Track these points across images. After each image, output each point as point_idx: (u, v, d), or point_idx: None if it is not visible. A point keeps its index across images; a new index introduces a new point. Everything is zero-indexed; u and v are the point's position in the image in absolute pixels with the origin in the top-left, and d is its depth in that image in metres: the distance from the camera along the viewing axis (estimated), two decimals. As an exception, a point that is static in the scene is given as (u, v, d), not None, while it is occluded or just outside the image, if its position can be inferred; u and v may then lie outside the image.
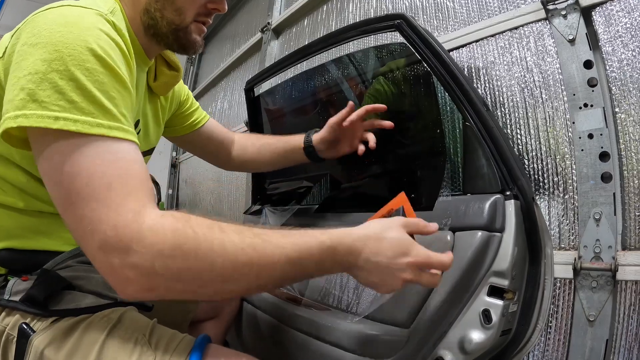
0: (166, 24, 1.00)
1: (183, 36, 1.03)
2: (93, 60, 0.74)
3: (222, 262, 0.71)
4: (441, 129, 1.24)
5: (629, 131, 1.20)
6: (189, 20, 1.02)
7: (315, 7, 2.74)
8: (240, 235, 0.74)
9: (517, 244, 1.00)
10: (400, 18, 1.22)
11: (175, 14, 1.00)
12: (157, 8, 0.98)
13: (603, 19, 1.28)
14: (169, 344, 0.88)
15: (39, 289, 0.92)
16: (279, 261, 0.75)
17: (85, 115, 0.70)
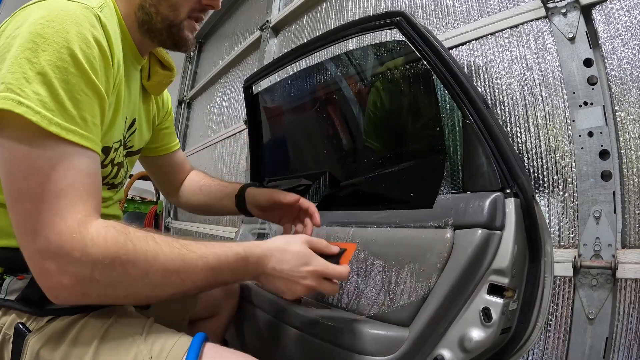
0: (161, 19, 1.01)
1: (176, 32, 1.05)
2: (67, 59, 0.75)
3: (155, 271, 0.78)
4: (441, 127, 1.24)
5: (629, 129, 1.20)
6: (183, 16, 1.04)
7: (314, 5, 2.74)
8: (170, 247, 0.80)
9: (517, 242, 1.00)
10: (400, 15, 1.22)
11: (170, 9, 1.01)
12: (152, 4, 1.00)
13: (603, 17, 1.28)
14: (165, 343, 0.88)
15: (34, 288, 0.91)
16: (202, 269, 0.84)
17: (46, 110, 0.71)
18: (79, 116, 0.75)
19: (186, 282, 0.83)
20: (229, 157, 3.42)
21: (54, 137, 0.72)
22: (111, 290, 0.75)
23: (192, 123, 4.83)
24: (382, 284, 1.17)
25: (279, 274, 0.96)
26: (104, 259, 0.72)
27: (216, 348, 0.92)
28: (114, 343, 0.87)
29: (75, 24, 0.78)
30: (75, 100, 0.75)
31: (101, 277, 0.72)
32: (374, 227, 1.24)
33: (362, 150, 1.53)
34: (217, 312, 1.51)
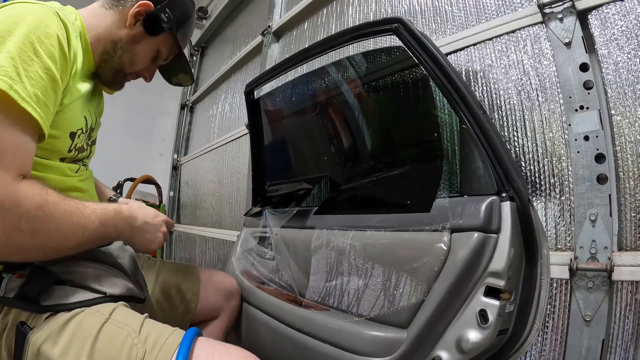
0: (118, 62, 1.25)
1: (119, 77, 1.31)
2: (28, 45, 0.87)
3: (65, 222, 0.90)
4: (438, 132, 1.25)
5: (625, 133, 1.21)
6: (131, 70, 1.31)
7: (315, 10, 2.75)
8: (72, 203, 0.93)
9: (513, 244, 1.01)
10: (398, 22, 1.23)
11: (129, 62, 1.27)
12: (123, 48, 1.24)
13: (599, 22, 1.29)
14: (158, 337, 0.92)
15: (31, 286, 0.96)
16: (94, 222, 0.97)
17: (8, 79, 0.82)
18: (32, 92, 0.86)
19: (85, 233, 0.95)
20: (231, 161, 3.44)
21: (10, 101, 0.82)
22: (30, 239, 0.83)
23: (195, 127, 4.84)
24: (381, 286, 1.19)
25: (146, 225, 1.19)
26: (30, 209, 0.82)
27: (209, 341, 0.97)
28: (110, 337, 0.91)
29: (37, 19, 0.91)
30: (30, 79, 0.86)
31: (26, 227, 0.81)
32: (372, 231, 1.25)
33: (361, 154, 1.54)
34: (218, 315, 1.55)
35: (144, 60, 1.30)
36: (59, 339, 0.90)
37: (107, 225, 1.02)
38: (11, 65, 0.82)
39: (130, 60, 1.27)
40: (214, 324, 1.54)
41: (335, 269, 1.34)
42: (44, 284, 0.98)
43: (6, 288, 0.96)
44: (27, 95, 0.84)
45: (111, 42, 1.22)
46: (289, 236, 1.58)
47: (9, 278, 0.97)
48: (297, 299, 1.44)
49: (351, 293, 1.28)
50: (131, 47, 1.25)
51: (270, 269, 1.65)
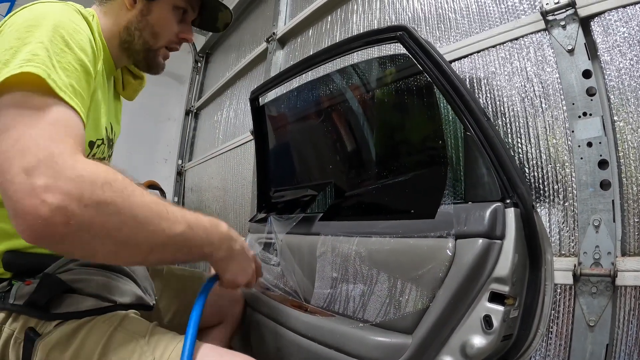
0: (142, 43, 1.19)
1: (152, 57, 1.25)
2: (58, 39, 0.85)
3: (143, 207, 0.77)
4: (443, 140, 1.26)
5: (628, 139, 1.22)
6: (161, 44, 1.23)
7: (319, 17, 2.76)
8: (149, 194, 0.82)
9: (517, 250, 1.02)
10: (402, 30, 1.25)
11: (151, 36, 1.21)
12: (138, 28, 1.19)
13: (601, 29, 1.30)
14: (167, 345, 0.92)
15: (41, 293, 0.96)
16: (181, 223, 0.85)
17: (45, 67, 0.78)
18: (68, 83, 0.82)
19: (168, 232, 0.81)
20: (236, 167, 3.45)
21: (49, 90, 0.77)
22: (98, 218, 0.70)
23: (199, 133, 4.85)
24: (386, 292, 1.19)
25: (243, 253, 1.09)
26: (96, 180, 0.70)
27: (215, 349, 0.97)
28: (119, 345, 0.91)
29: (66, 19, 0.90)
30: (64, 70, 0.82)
31: (90, 200, 0.69)
32: (377, 237, 1.26)
33: (366, 161, 1.55)
34: (223, 320, 1.56)
35: (167, 26, 1.22)
36: (69, 346, 0.91)
37: (197, 232, 0.90)
38: (46, 55, 0.80)
39: (152, 34, 1.20)
40: (219, 329, 1.55)
41: (340, 275, 1.34)
42: (54, 291, 0.97)
43: (16, 295, 0.96)
44: (63, 85, 0.80)
45: (124, 30, 1.18)
46: (294, 242, 1.59)
47: (18, 286, 0.97)
48: (302, 305, 1.45)
49: (356, 299, 1.28)
50: (145, 22, 1.18)
51: (275, 275, 1.66)
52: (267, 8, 3.59)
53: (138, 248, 0.79)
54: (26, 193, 0.65)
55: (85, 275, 1.04)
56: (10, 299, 0.96)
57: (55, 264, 1.03)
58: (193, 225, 0.88)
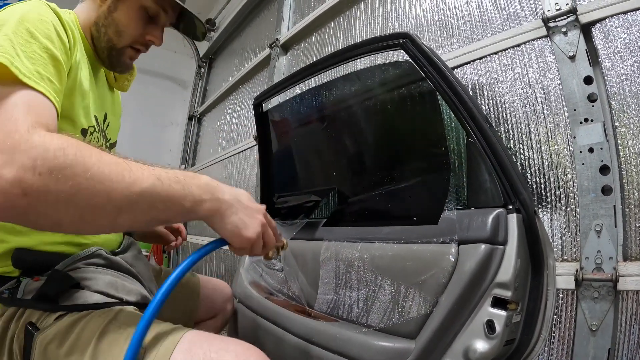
0: (106, 40, 1.18)
1: (115, 55, 1.22)
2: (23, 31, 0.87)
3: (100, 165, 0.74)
4: (445, 146, 1.27)
5: (629, 144, 1.23)
6: (125, 43, 1.21)
7: (322, 24, 2.78)
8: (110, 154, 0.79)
9: (519, 256, 1.02)
10: (405, 37, 1.25)
11: (115, 34, 1.19)
12: (103, 24, 1.18)
13: (602, 35, 1.31)
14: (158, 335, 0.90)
15: (51, 286, 0.97)
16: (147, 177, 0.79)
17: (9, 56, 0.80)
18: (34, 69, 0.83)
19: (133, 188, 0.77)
20: (239, 172, 3.46)
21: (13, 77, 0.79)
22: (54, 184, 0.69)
23: (202, 138, 4.87)
24: (389, 297, 1.20)
25: (238, 204, 0.95)
26: (49, 148, 0.70)
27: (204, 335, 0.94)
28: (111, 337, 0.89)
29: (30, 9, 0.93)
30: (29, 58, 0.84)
31: (43, 167, 0.68)
32: (381, 243, 1.26)
33: (369, 167, 1.56)
34: (215, 315, 1.67)
35: (131, 25, 1.19)
36: (66, 340, 0.91)
37: (169, 185, 0.82)
38: (10, 46, 0.81)
39: (116, 31, 1.18)
40: (210, 322, 1.64)
41: (343, 281, 1.35)
42: (63, 285, 0.99)
43: (24, 291, 0.98)
44: (28, 72, 0.81)
45: (94, 26, 1.18)
46: (298, 248, 1.59)
47: (27, 282, 0.98)
48: (306, 310, 1.46)
49: (360, 304, 1.29)
50: (110, 19, 1.17)
51: (278, 280, 1.66)
52: (270, 14, 3.61)
53: (103, 210, 0.75)
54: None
55: (93, 273, 1.06)
56: (19, 294, 0.97)
57: (64, 262, 1.05)
58: (163, 178, 0.82)
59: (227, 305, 1.71)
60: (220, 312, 1.67)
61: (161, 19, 1.24)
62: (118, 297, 1.05)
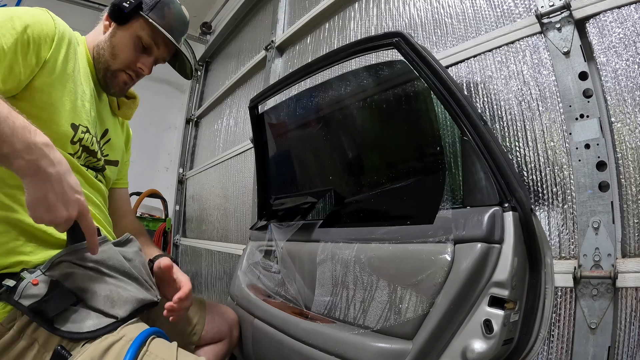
0: (103, 61, 1.32)
1: (110, 76, 1.34)
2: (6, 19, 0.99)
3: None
4: (440, 145, 1.26)
5: (625, 140, 1.22)
6: (118, 66, 1.33)
7: (317, 25, 2.78)
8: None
9: (516, 254, 1.02)
10: (398, 36, 1.25)
11: (110, 56, 1.32)
12: (103, 47, 1.32)
13: (597, 30, 1.31)
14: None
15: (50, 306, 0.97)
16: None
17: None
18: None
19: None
20: (236, 175, 3.45)
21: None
22: None
23: (200, 142, 4.87)
24: (386, 298, 1.19)
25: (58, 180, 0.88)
26: None
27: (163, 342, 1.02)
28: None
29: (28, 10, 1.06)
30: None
31: None
32: (377, 243, 1.26)
33: (364, 167, 1.55)
34: (223, 339, 1.63)
35: (124, 50, 1.33)
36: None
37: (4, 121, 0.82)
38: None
39: (111, 53, 1.32)
40: (219, 345, 1.61)
41: (340, 282, 1.35)
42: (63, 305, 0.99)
43: (22, 294, 0.96)
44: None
45: (95, 48, 1.34)
46: (295, 249, 1.59)
47: (26, 284, 0.97)
48: (303, 312, 1.45)
49: (357, 305, 1.28)
50: (109, 42, 1.32)
51: (276, 282, 1.66)
52: (266, 16, 3.61)
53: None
54: None
55: (89, 282, 1.05)
56: (16, 295, 0.96)
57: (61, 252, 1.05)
58: (5, 114, 0.82)
59: (233, 331, 1.69)
60: (226, 337, 1.64)
61: (154, 52, 1.39)
62: (113, 315, 1.05)
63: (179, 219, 4.77)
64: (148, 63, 1.39)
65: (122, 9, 1.29)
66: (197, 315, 1.54)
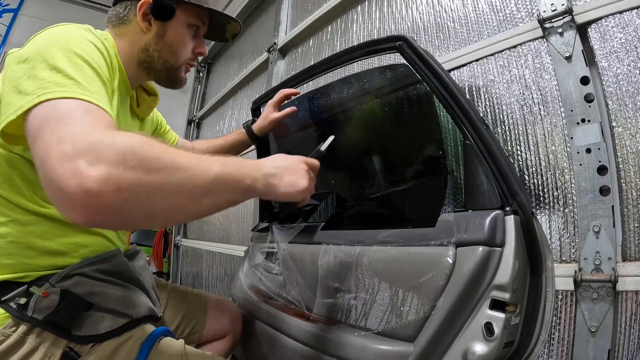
0: (162, 62, 1.25)
1: (174, 74, 1.31)
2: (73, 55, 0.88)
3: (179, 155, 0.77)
4: (443, 149, 1.27)
5: (626, 144, 1.22)
6: (181, 61, 1.30)
7: (320, 27, 2.79)
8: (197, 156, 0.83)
9: (517, 257, 1.02)
10: (401, 40, 1.26)
11: (171, 56, 1.27)
12: (156, 49, 1.24)
13: (598, 35, 1.31)
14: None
15: (62, 315, 0.97)
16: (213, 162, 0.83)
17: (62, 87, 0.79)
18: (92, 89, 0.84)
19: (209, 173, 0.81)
20: (238, 176, 3.45)
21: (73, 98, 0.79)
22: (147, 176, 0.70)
23: (202, 143, 4.87)
24: (388, 300, 1.20)
25: (279, 169, 1.01)
26: (133, 143, 0.71)
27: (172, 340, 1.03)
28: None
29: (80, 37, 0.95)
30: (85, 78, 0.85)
31: (134, 162, 0.69)
32: (379, 246, 1.26)
33: (366, 170, 1.56)
34: (225, 335, 1.63)
35: (183, 44, 1.28)
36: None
37: (231, 168, 0.88)
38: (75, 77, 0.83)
39: (171, 53, 1.26)
40: (222, 342, 1.61)
41: (342, 284, 1.35)
42: (74, 312, 0.99)
43: (34, 308, 0.96)
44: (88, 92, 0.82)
45: (143, 52, 1.24)
46: (297, 251, 1.59)
47: (36, 298, 0.97)
48: (305, 314, 1.46)
49: (358, 307, 1.29)
50: (162, 43, 1.24)
51: (277, 284, 1.66)
52: (268, 18, 3.62)
53: (190, 196, 0.78)
54: (73, 175, 0.65)
55: (101, 288, 1.06)
56: (29, 311, 0.96)
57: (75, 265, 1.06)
58: (224, 163, 0.87)
59: (236, 326, 1.69)
60: (228, 333, 1.64)
61: (201, 30, 1.35)
62: (128, 315, 1.06)
63: (180, 220, 4.76)
64: (203, 45, 1.36)
65: (166, 4, 1.21)
66: (197, 314, 1.55)
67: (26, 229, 1.01)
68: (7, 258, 1.00)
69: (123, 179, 0.67)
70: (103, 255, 1.12)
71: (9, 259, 1.00)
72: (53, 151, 0.67)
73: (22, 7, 5.56)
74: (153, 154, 0.72)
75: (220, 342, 1.60)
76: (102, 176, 0.65)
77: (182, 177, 0.76)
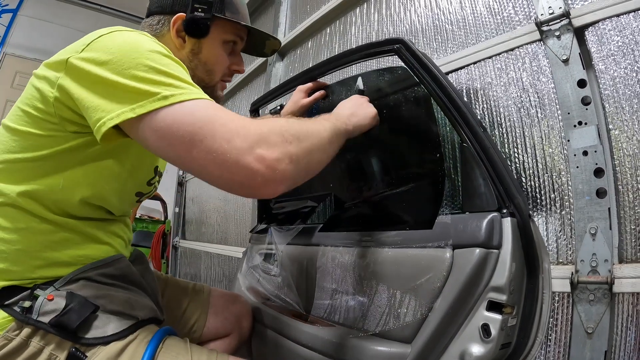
0: (197, 81, 1.12)
1: (210, 93, 1.20)
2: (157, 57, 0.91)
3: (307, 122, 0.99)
4: (440, 152, 1.27)
5: (623, 147, 1.23)
6: (217, 80, 1.26)
7: (318, 29, 2.79)
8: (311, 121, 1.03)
9: (514, 259, 1.02)
10: (399, 42, 1.26)
11: (206, 74, 1.22)
12: (191, 67, 1.18)
13: (596, 38, 1.32)
14: None
15: (70, 318, 0.96)
16: (322, 122, 1.05)
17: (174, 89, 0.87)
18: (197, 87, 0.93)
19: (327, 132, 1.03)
20: (237, 178, 3.46)
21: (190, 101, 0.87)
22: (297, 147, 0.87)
23: (201, 144, 4.87)
24: (385, 302, 1.20)
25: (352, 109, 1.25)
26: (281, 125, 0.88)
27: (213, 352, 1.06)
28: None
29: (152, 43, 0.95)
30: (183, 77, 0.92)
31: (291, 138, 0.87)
32: (376, 248, 1.27)
33: (365, 173, 1.56)
34: (230, 333, 1.57)
35: (218, 61, 1.24)
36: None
37: (329, 121, 1.08)
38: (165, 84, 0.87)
39: (206, 71, 1.22)
40: (225, 341, 1.55)
41: (340, 286, 1.35)
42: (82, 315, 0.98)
43: (39, 311, 0.96)
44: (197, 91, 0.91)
45: None
46: (295, 253, 1.60)
47: (42, 301, 0.97)
48: (303, 315, 1.46)
49: (356, 309, 1.29)
50: (197, 61, 1.20)
51: (275, 285, 1.67)
52: (267, 20, 3.62)
53: (324, 149, 1.00)
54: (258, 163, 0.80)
55: (105, 290, 1.06)
56: (34, 314, 0.95)
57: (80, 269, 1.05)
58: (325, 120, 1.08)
59: (242, 323, 1.61)
60: (232, 331, 1.57)
61: (238, 46, 1.31)
62: (134, 316, 1.06)
63: (179, 221, 4.78)
64: (241, 62, 1.32)
65: (200, 21, 1.16)
66: (197, 310, 1.50)
67: (37, 238, 1.00)
68: (13, 265, 0.99)
69: (291, 153, 0.85)
70: (107, 259, 1.11)
71: (15, 266, 0.99)
72: (229, 151, 0.80)
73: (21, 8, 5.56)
74: (294, 128, 0.90)
75: (222, 342, 1.53)
76: (280, 155, 0.83)
77: (317, 138, 0.96)
